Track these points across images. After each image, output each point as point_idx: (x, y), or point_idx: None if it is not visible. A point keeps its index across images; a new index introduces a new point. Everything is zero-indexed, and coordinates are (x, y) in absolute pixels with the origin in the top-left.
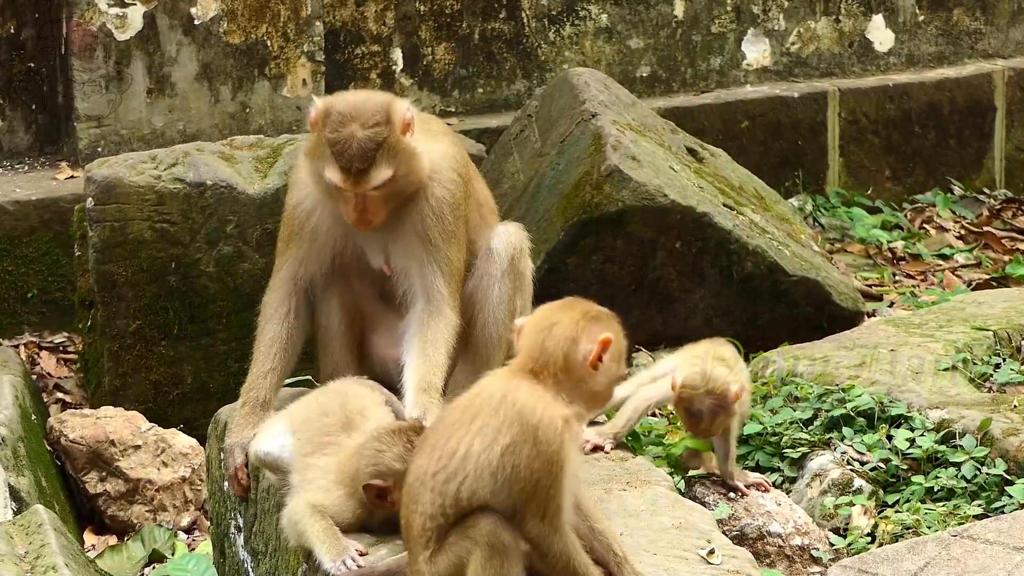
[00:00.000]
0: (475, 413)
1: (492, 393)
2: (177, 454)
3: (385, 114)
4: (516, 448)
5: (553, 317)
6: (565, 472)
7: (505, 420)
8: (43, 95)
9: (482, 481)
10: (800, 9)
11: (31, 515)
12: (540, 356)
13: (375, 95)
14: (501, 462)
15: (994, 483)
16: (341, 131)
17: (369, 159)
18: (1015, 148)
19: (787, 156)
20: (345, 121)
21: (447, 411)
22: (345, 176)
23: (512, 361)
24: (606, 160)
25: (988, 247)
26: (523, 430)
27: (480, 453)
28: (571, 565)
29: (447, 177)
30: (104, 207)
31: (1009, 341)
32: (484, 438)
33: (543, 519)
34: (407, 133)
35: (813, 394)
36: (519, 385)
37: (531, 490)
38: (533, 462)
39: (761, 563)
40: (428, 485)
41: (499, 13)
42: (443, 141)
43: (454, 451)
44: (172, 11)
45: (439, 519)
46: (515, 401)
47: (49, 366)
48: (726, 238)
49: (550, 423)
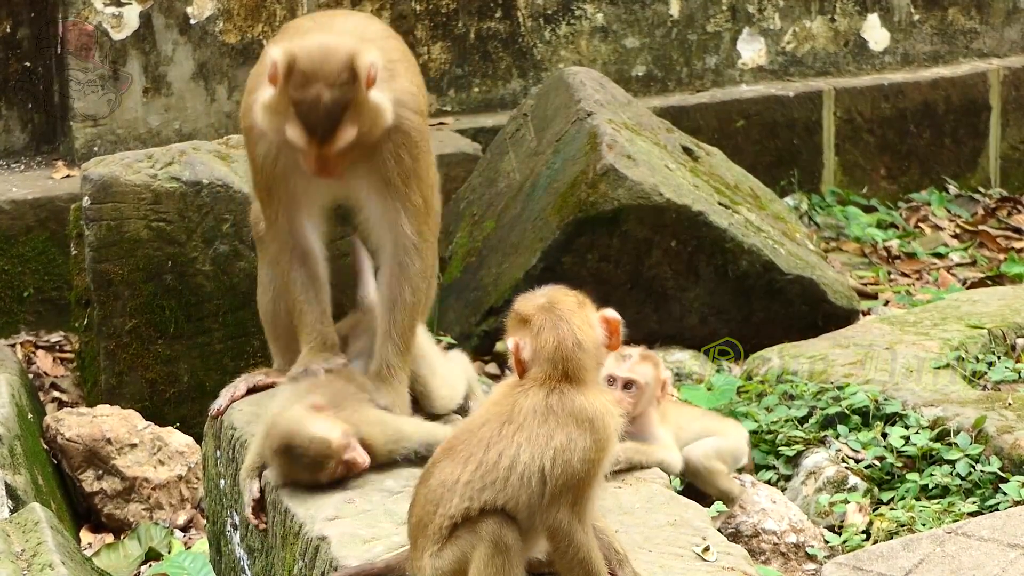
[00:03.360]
0: (518, 426)
1: (535, 405)
2: (173, 452)
3: (351, 71)
4: (572, 444)
5: (555, 320)
6: (608, 459)
7: (558, 424)
8: (39, 94)
9: (529, 488)
10: (795, 8)
11: (28, 513)
12: (565, 361)
13: (339, 44)
14: (554, 463)
15: (988, 480)
16: (307, 92)
17: (335, 120)
18: (1010, 147)
19: (782, 155)
20: (310, 79)
21: (477, 423)
22: (310, 138)
23: (530, 373)
24: (602, 159)
25: (983, 246)
26: (579, 426)
27: (529, 462)
28: (589, 557)
29: (406, 118)
30: (100, 206)
31: (1004, 339)
32: (534, 447)
33: (573, 508)
34: (372, 87)
35: (808, 392)
36: (561, 391)
37: (576, 481)
38: (588, 453)
39: (756, 560)
40: (458, 492)
41: (495, 12)
42: (399, 74)
43: (495, 463)
44: (168, 11)
45: (458, 519)
46: (563, 405)
47: (45, 365)
48: (721, 237)
49: (605, 411)
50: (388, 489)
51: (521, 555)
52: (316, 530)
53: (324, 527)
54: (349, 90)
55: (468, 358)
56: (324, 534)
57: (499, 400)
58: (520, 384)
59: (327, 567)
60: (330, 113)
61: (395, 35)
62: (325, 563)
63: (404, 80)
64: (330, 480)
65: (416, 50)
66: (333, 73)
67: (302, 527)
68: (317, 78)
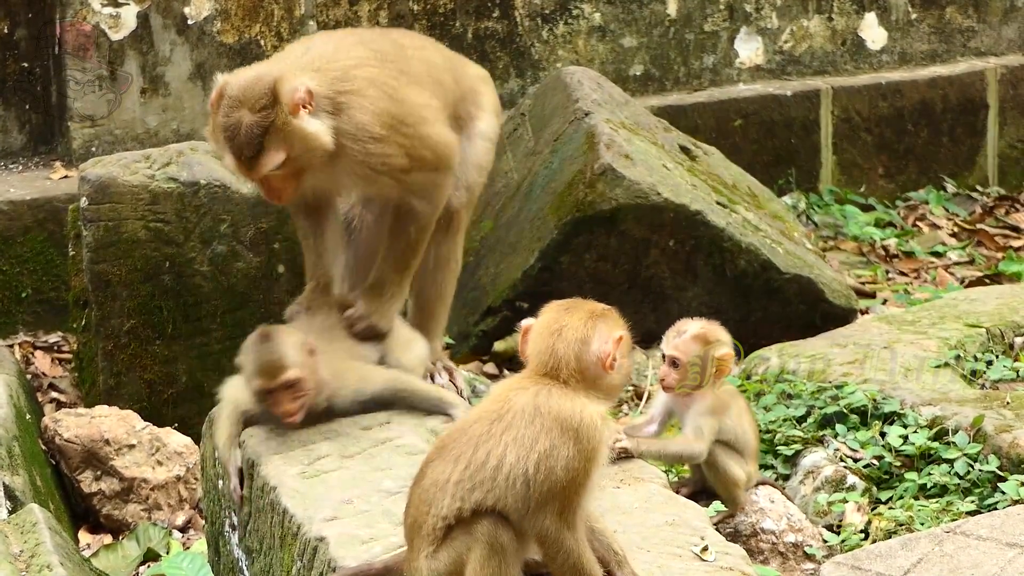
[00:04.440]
0: (506, 425)
1: (523, 405)
2: (172, 453)
3: (272, 96)
4: (555, 451)
5: (561, 320)
6: (597, 470)
7: (543, 428)
8: (37, 95)
9: (514, 490)
10: (793, 7)
11: (26, 514)
12: (551, 360)
13: (269, 71)
14: (537, 468)
15: (987, 479)
16: (230, 116)
17: (256, 146)
18: (1008, 145)
19: (780, 154)
20: (234, 106)
21: (469, 420)
22: (238, 163)
23: (527, 369)
24: (599, 158)
25: (981, 244)
26: (563, 433)
27: (515, 464)
28: (580, 563)
29: (358, 149)
30: (98, 206)
31: (1002, 338)
32: (520, 448)
33: (561, 516)
34: (299, 112)
35: (806, 391)
36: (549, 392)
37: (559, 489)
38: (571, 462)
39: (755, 560)
40: (449, 492)
41: (492, 12)
42: (353, 104)
43: (483, 462)
44: (166, 11)
45: (451, 520)
46: (550, 408)
47: (43, 365)
48: (719, 236)
49: (591, 422)
50: (386, 489)
51: (517, 555)
52: (314, 531)
53: (322, 528)
54: (269, 114)
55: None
56: (322, 535)
57: (493, 398)
58: (516, 383)
59: (325, 568)
60: (250, 137)
61: (392, 59)
62: (323, 564)
63: (356, 112)
64: (272, 409)
65: None
66: (253, 98)
67: (300, 528)
68: (241, 103)
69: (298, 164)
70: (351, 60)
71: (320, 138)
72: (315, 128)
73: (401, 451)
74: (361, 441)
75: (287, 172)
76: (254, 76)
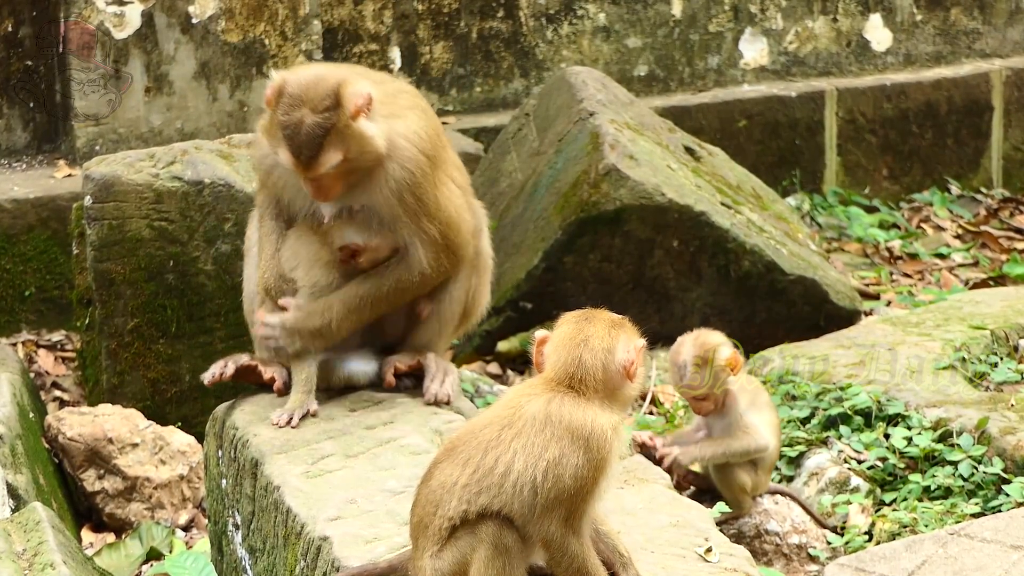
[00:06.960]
0: (517, 432)
1: (535, 412)
2: (175, 452)
3: (335, 98)
4: (564, 460)
5: (584, 330)
6: (606, 479)
7: (553, 436)
8: (41, 93)
9: (521, 496)
10: (798, 8)
11: (29, 512)
12: (578, 370)
13: (330, 73)
14: (545, 476)
15: (991, 481)
16: (291, 115)
17: (317, 145)
18: (1012, 147)
19: (784, 155)
20: (295, 104)
21: (480, 424)
22: (296, 161)
23: (543, 375)
24: (604, 159)
25: (985, 246)
26: (573, 442)
27: (523, 471)
28: (585, 568)
29: (406, 155)
30: (102, 205)
31: (1006, 340)
32: (529, 456)
33: (567, 522)
34: (359, 116)
35: (810, 393)
36: (562, 400)
37: (567, 496)
38: (580, 471)
39: (759, 561)
40: (456, 494)
41: (497, 12)
42: (406, 117)
43: (492, 468)
44: (170, 9)
45: (456, 521)
46: (562, 416)
47: (47, 364)
48: (723, 237)
49: (601, 432)
50: (390, 489)
51: (521, 558)
52: (318, 530)
53: (326, 527)
54: (332, 116)
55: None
56: (326, 534)
57: (506, 403)
58: (529, 390)
59: (329, 567)
60: (312, 136)
61: (412, 94)
62: (327, 563)
63: (411, 119)
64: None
65: (418, 50)
66: (318, 98)
67: (304, 527)
68: (303, 103)
69: (349, 166)
70: (397, 87)
71: (376, 141)
72: (372, 132)
73: (405, 451)
74: (365, 441)
75: (338, 172)
76: (315, 76)
